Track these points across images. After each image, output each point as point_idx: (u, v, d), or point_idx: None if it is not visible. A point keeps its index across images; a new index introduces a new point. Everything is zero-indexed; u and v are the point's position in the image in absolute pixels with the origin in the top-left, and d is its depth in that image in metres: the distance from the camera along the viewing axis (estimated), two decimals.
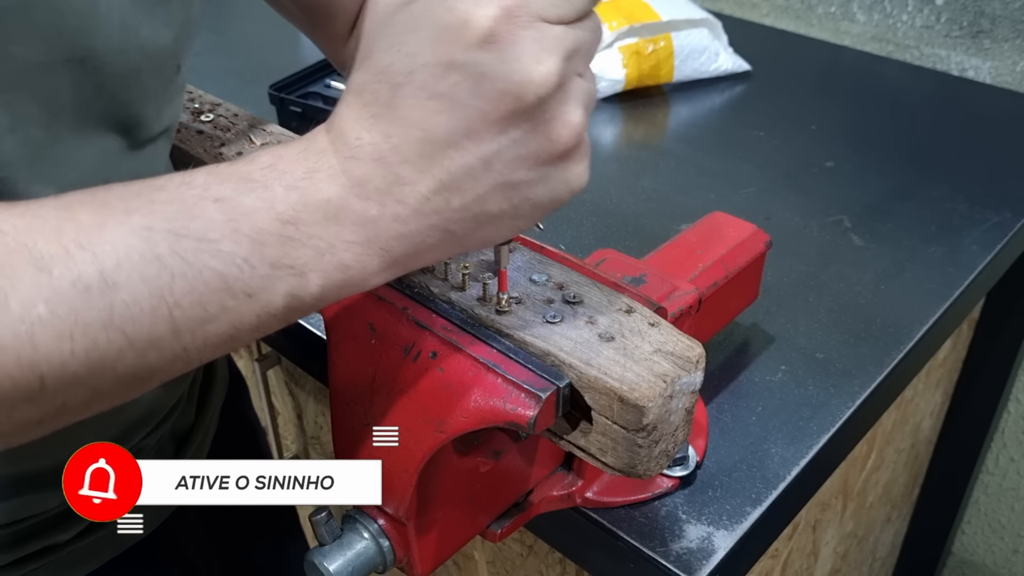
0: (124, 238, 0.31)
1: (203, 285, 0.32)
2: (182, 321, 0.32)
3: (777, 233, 0.66)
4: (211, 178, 0.33)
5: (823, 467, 0.64)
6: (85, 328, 0.30)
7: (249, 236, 0.32)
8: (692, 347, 0.42)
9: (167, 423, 0.59)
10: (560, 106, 0.34)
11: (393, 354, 0.44)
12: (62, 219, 0.31)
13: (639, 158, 0.97)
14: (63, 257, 0.30)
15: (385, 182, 0.34)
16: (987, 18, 1.09)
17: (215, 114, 0.63)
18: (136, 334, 0.31)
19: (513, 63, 0.32)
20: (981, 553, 1.34)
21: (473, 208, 0.35)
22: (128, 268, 0.30)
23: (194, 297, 0.32)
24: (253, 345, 0.92)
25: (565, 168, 0.35)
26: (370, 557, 0.48)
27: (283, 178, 0.33)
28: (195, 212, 0.32)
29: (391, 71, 0.33)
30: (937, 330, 0.73)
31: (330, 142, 0.34)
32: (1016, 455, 1.22)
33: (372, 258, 0.34)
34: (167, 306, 0.31)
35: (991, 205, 0.86)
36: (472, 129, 0.33)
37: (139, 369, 0.32)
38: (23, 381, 0.30)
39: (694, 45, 1.07)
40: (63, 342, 0.30)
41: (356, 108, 0.34)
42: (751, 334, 0.70)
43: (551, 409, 0.41)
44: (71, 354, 0.30)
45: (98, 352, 0.30)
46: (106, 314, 0.30)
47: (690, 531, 0.54)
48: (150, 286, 0.31)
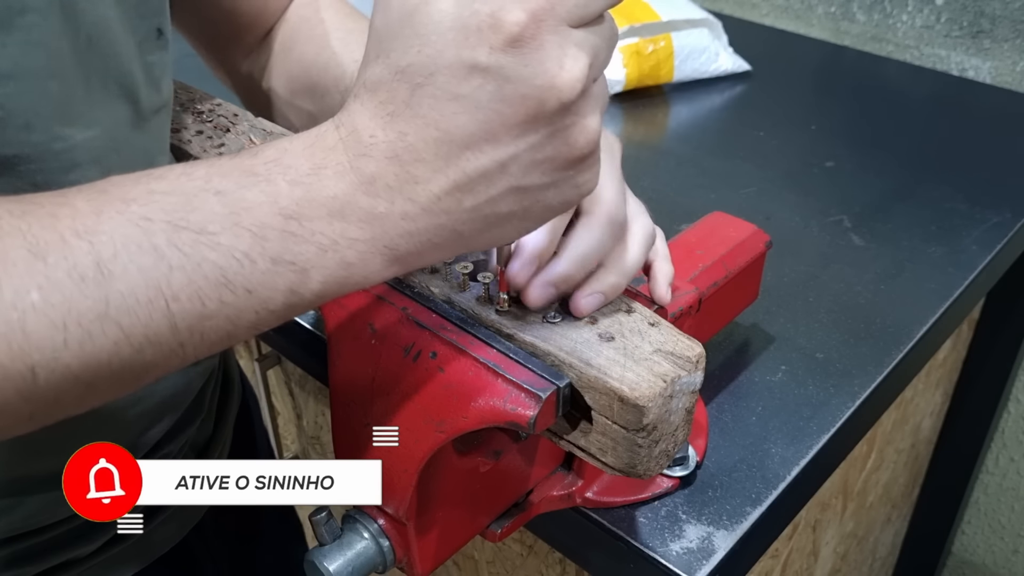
0: (122, 228, 0.30)
1: (202, 279, 0.31)
2: (179, 315, 0.31)
3: (777, 233, 0.66)
4: (212, 170, 0.33)
5: (823, 467, 0.64)
6: (79, 318, 0.29)
7: (250, 230, 0.32)
8: (692, 347, 0.42)
9: (187, 433, 0.58)
10: (580, 112, 0.34)
11: (393, 354, 0.44)
12: (58, 205, 0.30)
13: (639, 158, 0.97)
14: (59, 245, 0.29)
15: (397, 180, 0.33)
16: (987, 18, 1.09)
17: (215, 114, 0.63)
18: (132, 327, 0.30)
19: (537, 67, 0.32)
20: (981, 553, 1.34)
21: (484, 210, 0.34)
22: (125, 258, 0.30)
23: (192, 291, 0.31)
24: (253, 345, 0.92)
25: (579, 173, 0.35)
26: (370, 557, 0.48)
27: (287, 173, 0.33)
28: (195, 204, 0.31)
29: (411, 71, 0.33)
30: (937, 330, 0.73)
31: (340, 139, 0.34)
32: (1016, 455, 1.22)
33: (376, 256, 0.34)
34: (164, 299, 0.31)
35: (991, 205, 0.86)
36: (491, 132, 0.33)
37: (134, 363, 0.31)
38: (14, 370, 0.29)
39: (694, 45, 1.07)
40: (56, 332, 0.29)
41: (371, 106, 0.34)
42: (751, 334, 0.70)
43: (551, 409, 0.41)
44: (64, 345, 0.29)
45: (92, 344, 0.30)
46: (101, 305, 0.30)
47: (690, 531, 0.54)
48: (147, 277, 0.30)
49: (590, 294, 0.43)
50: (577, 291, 0.43)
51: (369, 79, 0.34)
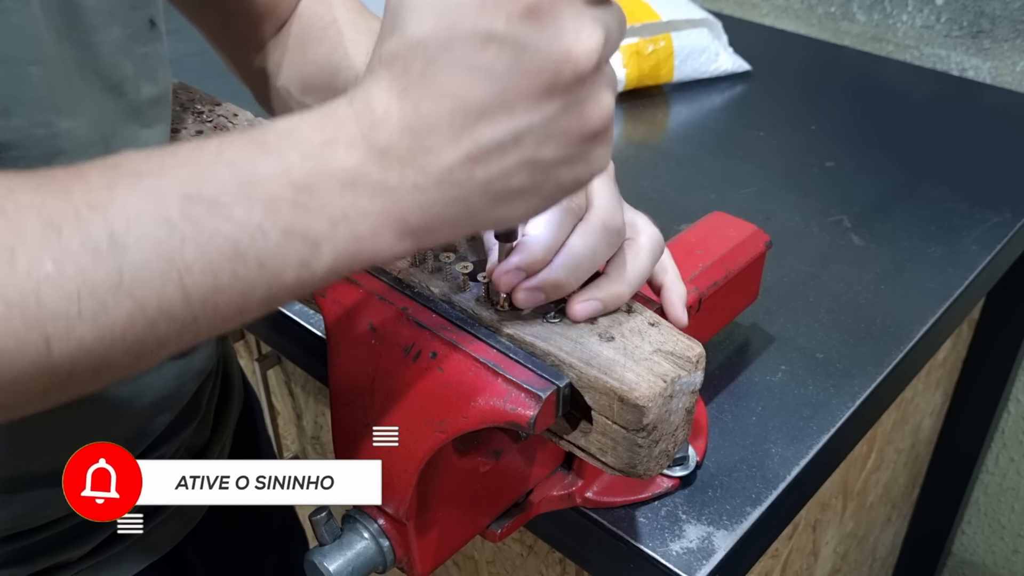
0: (134, 200, 0.30)
1: (214, 251, 0.31)
2: (193, 288, 0.31)
3: (777, 233, 0.66)
4: (224, 144, 0.33)
5: (823, 467, 0.64)
6: (93, 289, 0.29)
7: (262, 202, 0.32)
8: (692, 347, 0.42)
9: (182, 435, 0.58)
10: (594, 87, 0.34)
11: (393, 354, 0.44)
12: (72, 179, 0.30)
13: (639, 158, 0.97)
14: (72, 217, 0.29)
15: (409, 151, 0.33)
16: (987, 18, 1.09)
17: (215, 114, 0.63)
18: (146, 299, 0.30)
19: (554, 37, 0.32)
20: (981, 553, 1.34)
21: (496, 183, 0.34)
22: (138, 231, 0.30)
23: (205, 263, 0.31)
24: (253, 345, 0.92)
25: (592, 150, 0.35)
26: (370, 557, 0.48)
27: (299, 146, 0.33)
28: (207, 176, 0.31)
29: (427, 43, 0.32)
30: (937, 330, 0.73)
31: (353, 112, 0.34)
32: (1016, 455, 1.22)
33: (386, 229, 0.34)
34: (178, 271, 0.30)
35: (991, 205, 0.86)
36: (506, 102, 0.33)
37: (148, 337, 0.31)
38: (28, 341, 0.29)
39: (694, 45, 1.07)
40: (70, 303, 0.29)
41: (386, 80, 0.33)
42: (751, 334, 0.70)
43: (551, 409, 0.41)
44: (78, 316, 0.29)
45: (107, 316, 0.30)
46: (115, 276, 0.29)
47: (690, 531, 0.54)
48: (160, 249, 0.30)
49: (586, 300, 0.43)
50: (573, 296, 0.43)
51: (384, 53, 0.34)
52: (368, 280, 0.47)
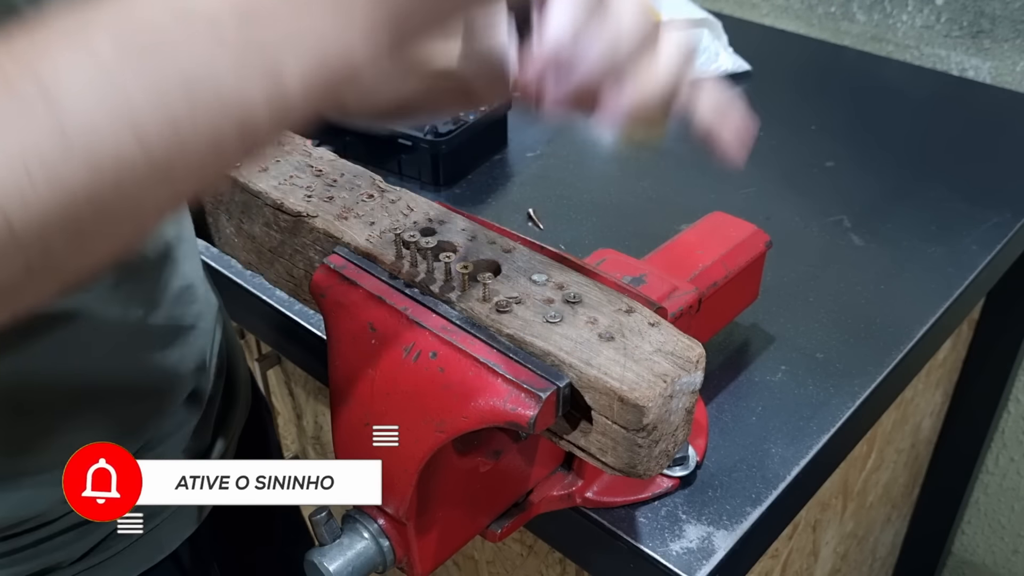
0: (65, 55, 0.28)
1: (162, 92, 0.29)
2: (150, 137, 0.29)
3: (777, 233, 0.66)
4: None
5: (823, 467, 0.64)
6: (40, 156, 0.27)
7: (203, 29, 0.29)
8: (692, 347, 0.42)
9: (178, 435, 0.58)
10: None
11: (393, 354, 0.44)
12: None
13: (639, 158, 0.97)
14: (4, 87, 0.27)
15: None
16: (987, 18, 1.09)
17: None
18: (100, 156, 0.28)
19: None
20: (981, 553, 1.34)
21: None
22: (73, 85, 0.28)
23: (154, 107, 0.29)
24: (253, 345, 0.92)
25: None
26: (370, 557, 0.48)
27: None
28: (136, 15, 0.29)
29: None
30: (937, 330, 0.73)
31: None
32: (1016, 455, 1.22)
33: (350, 23, 0.31)
34: (127, 121, 0.28)
35: (991, 205, 0.86)
36: None
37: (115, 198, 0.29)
38: None
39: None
40: (20, 174, 0.27)
41: None
42: (751, 334, 0.70)
43: (551, 409, 0.41)
44: (31, 186, 0.27)
45: (62, 181, 0.28)
46: (59, 138, 0.27)
47: (690, 531, 0.54)
48: (100, 99, 0.28)
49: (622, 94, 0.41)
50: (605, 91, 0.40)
51: None
52: (368, 280, 0.47)
